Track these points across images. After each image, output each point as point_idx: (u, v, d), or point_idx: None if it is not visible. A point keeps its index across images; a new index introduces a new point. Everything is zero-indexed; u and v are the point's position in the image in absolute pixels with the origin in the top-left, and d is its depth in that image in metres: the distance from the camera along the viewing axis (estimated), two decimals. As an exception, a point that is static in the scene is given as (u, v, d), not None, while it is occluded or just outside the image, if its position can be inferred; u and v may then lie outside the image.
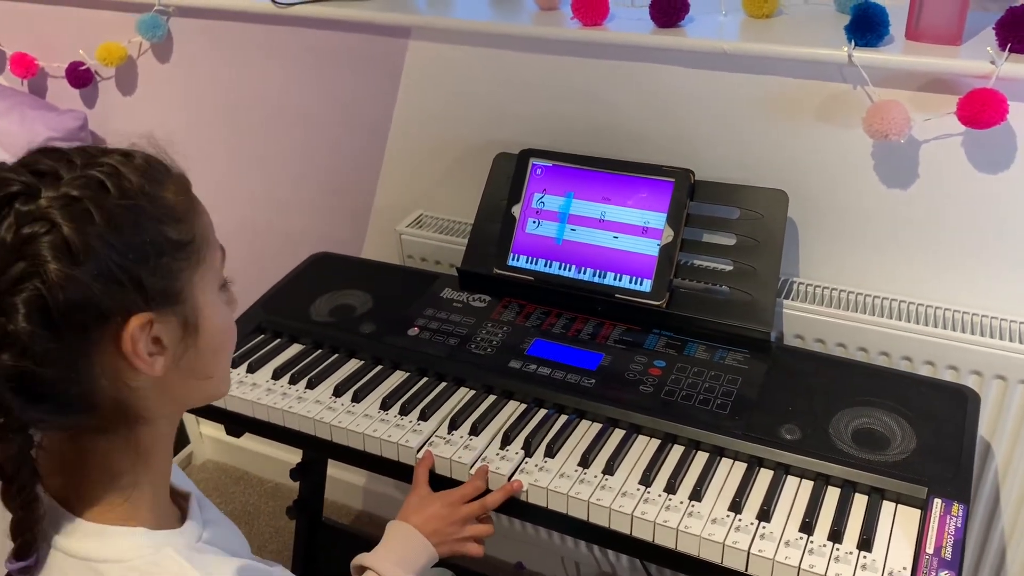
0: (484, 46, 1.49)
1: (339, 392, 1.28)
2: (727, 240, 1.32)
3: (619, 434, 1.17)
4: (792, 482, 1.09)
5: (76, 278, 0.64)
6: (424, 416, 1.23)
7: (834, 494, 1.07)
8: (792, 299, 1.34)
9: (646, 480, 1.09)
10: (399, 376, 1.31)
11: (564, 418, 1.21)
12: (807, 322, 1.32)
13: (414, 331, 1.38)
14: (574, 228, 1.39)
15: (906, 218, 1.30)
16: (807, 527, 1.02)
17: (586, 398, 1.22)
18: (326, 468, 1.64)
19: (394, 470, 1.22)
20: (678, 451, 1.14)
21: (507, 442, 1.17)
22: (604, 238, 1.37)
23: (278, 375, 1.32)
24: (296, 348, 1.39)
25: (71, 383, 0.67)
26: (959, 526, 1.00)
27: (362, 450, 1.22)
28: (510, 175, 1.45)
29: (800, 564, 0.98)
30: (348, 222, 1.80)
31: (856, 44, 1.19)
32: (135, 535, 0.73)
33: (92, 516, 0.73)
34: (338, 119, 1.70)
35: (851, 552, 0.99)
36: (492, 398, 1.26)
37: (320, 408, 1.26)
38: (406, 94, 1.60)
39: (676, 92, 1.37)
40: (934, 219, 1.29)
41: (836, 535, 1.01)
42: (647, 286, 1.33)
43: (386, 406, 1.25)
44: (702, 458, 1.13)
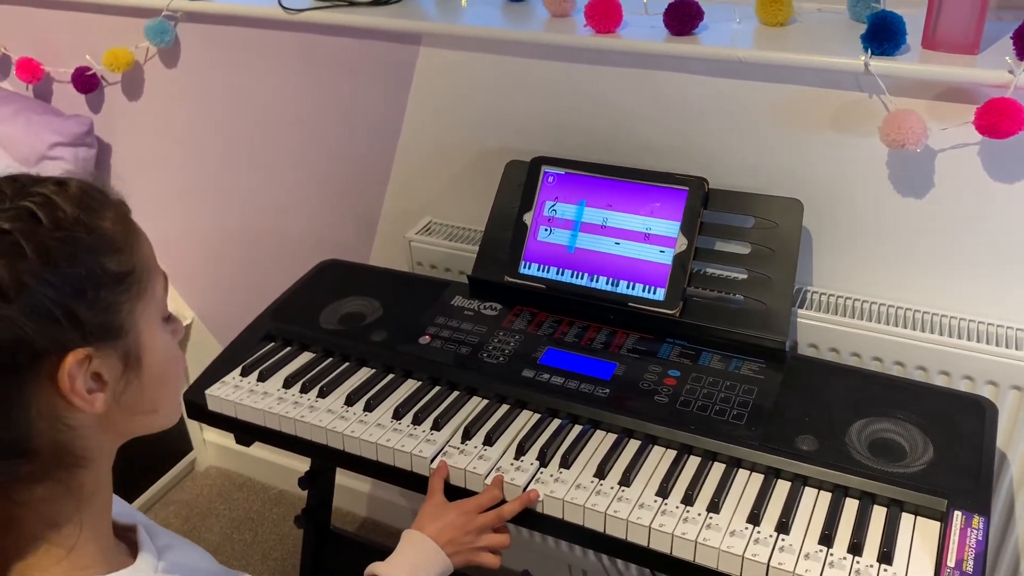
0: (495, 53, 1.48)
1: (351, 401, 1.27)
2: (741, 249, 1.32)
3: (635, 445, 1.17)
4: (810, 493, 1.08)
5: (6, 317, 0.61)
6: (437, 426, 1.22)
7: (852, 506, 1.06)
8: (806, 308, 1.34)
9: (663, 491, 1.09)
10: (411, 385, 1.31)
11: (579, 428, 1.20)
12: (822, 331, 1.32)
13: (425, 339, 1.37)
14: (586, 236, 1.39)
15: (922, 227, 1.30)
16: (827, 539, 1.01)
17: (601, 408, 1.21)
18: (334, 476, 1.63)
19: (407, 480, 1.21)
20: (695, 462, 1.13)
21: (522, 452, 1.16)
22: (617, 246, 1.36)
23: (289, 384, 1.31)
24: (306, 356, 1.38)
25: (5, 428, 0.63)
26: (980, 539, 0.99)
27: (375, 460, 1.21)
28: (521, 183, 1.44)
29: (821, 577, 0.97)
30: (356, 229, 1.80)
31: (873, 53, 1.19)
32: None
33: None
34: (347, 125, 1.69)
35: (871, 565, 0.98)
36: (505, 408, 1.25)
37: (332, 417, 1.25)
38: (416, 101, 1.59)
39: (690, 100, 1.37)
40: (950, 228, 1.28)
41: (856, 548, 1.00)
42: (660, 295, 1.32)
43: (399, 415, 1.24)
44: (719, 469, 1.12)
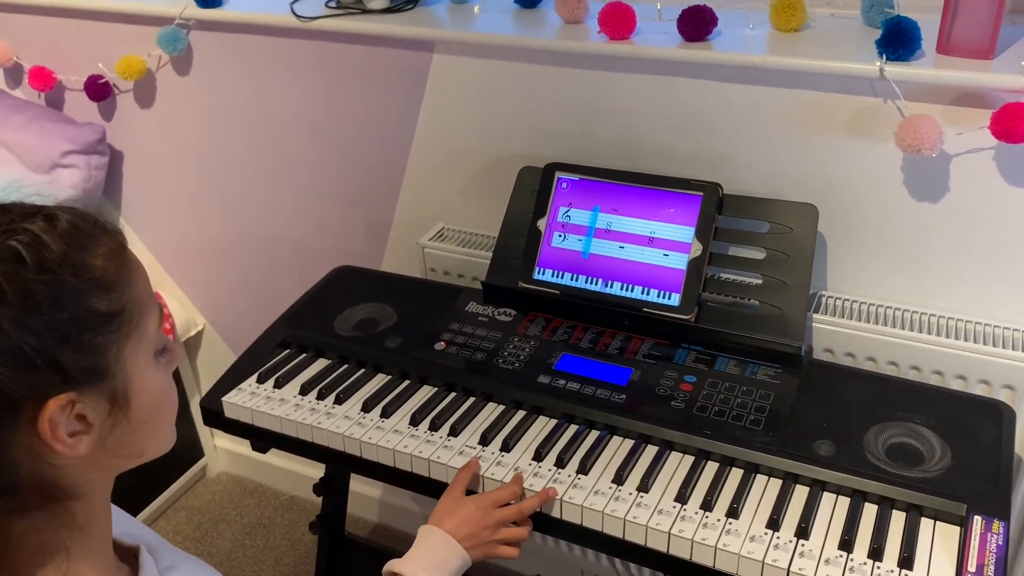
0: (508, 60, 1.49)
1: (368, 408, 1.27)
2: (756, 254, 1.32)
3: (652, 450, 1.17)
4: (828, 499, 1.09)
5: None
6: (454, 432, 1.22)
7: (872, 511, 1.06)
8: (822, 313, 1.34)
9: (682, 497, 1.09)
10: (427, 391, 1.31)
11: (595, 434, 1.20)
12: (837, 336, 1.32)
13: (440, 345, 1.37)
14: (600, 242, 1.39)
15: (937, 232, 1.30)
16: (846, 545, 1.01)
17: (617, 414, 1.21)
18: (348, 483, 1.64)
19: (424, 486, 1.21)
20: (712, 468, 1.13)
21: (539, 458, 1.17)
22: (631, 252, 1.37)
23: (305, 390, 1.32)
24: (322, 363, 1.38)
25: None
26: (1000, 543, 1.00)
27: (392, 466, 1.22)
28: (535, 189, 1.45)
29: (841, 583, 0.97)
30: (368, 235, 1.80)
31: (888, 58, 1.19)
32: None
33: None
34: (360, 132, 1.70)
35: (892, 570, 0.98)
36: (522, 414, 1.25)
37: (349, 424, 1.25)
38: (429, 107, 1.60)
39: (704, 106, 1.37)
40: (965, 232, 1.28)
41: (876, 553, 1.00)
42: (676, 300, 1.32)
43: (415, 421, 1.24)
44: (737, 475, 1.12)
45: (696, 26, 1.32)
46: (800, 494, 1.09)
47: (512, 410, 1.26)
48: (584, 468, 1.14)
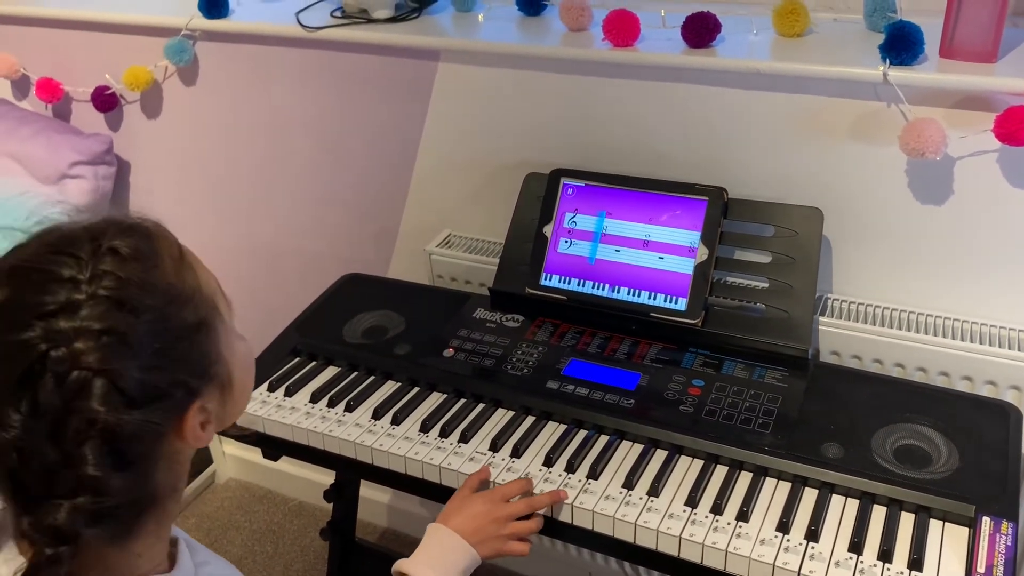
0: (513, 67, 1.50)
1: (378, 415, 1.28)
2: (762, 258, 1.33)
3: (661, 455, 1.18)
4: (837, 501, 1.09)
5: (134, 420, 0.65)
6: (464, 438, 1.23)
7: (880, 512, 1.07)
8: (828, 316, 1.35)
9: (692, 501, 1.09)
10: (436, 398, 1.32)
11: (605, 439, 1.21)
12: (843, 339, 1.33)
13: (449, 352, 1.38)
14: (606, 247, 1.40)
15: (942, 234, 1.31)
16: (856, 547, 1.02)
17: (626, 418, 1.22)
18: (359, 489, 1.64)
19: (434, 492, 1.22)
20: (722, 471, 1.14)
21: (549, 464, 1.17)
22: (637, 257, 1.38)
23: (316, 398, 1.33)
24: (332, 371, 1.39)
25: (139, 495, 0.68)
26: (1009, 544, 1.00)
27: (404, 473, 1.22)
28: (541, 195, 1.45)
29: (852, 585, 0.98)
30: (375, 243, 1.81)
31: (891, 63, 1.20)
32: None
33: None
34: (366, 141, 1.71)
35: (902, 572, 0.99)
36: (531, 419, 1.26)
37: (360, 431, 1.26)
38: (435, 115, 1.61)
39: (708, 111, 1.38)
40: (970, 235, 1.29)
41: (886, 555, 1.01)
42: (682, 305, 1.33)
43: (426, 428, 1.25)
44: (746, 478, 1.13)
45: (700, 33, 1.33)
46: (809, 497, 1.10)
47: (521, 416, 1.27)
48: (594, 473, 1.15)
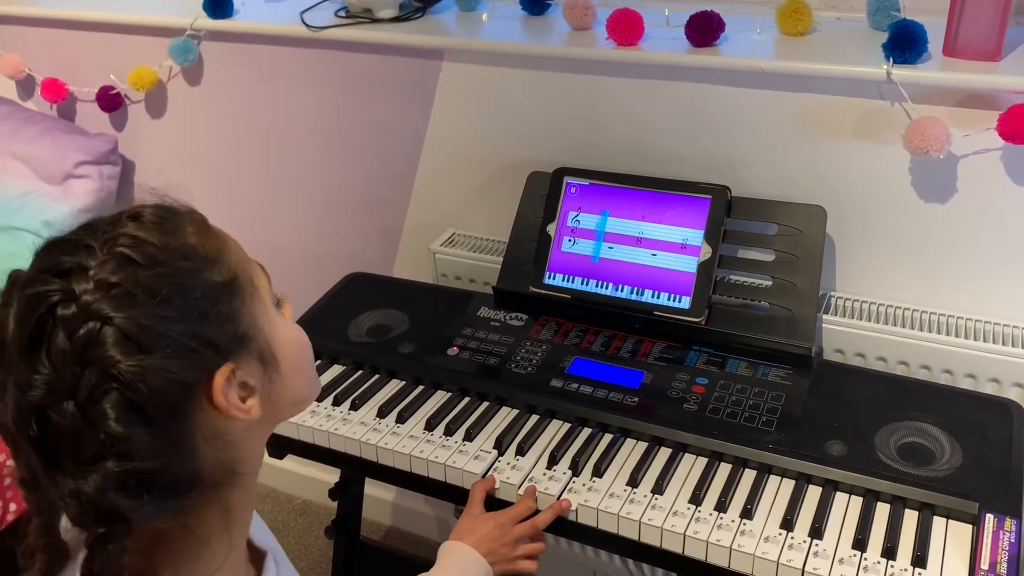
0: (517, 67, 1.50)
1: (383, 413, 1.29)
2: (766, 256, 1.33)
3: (666, 453, 1.18)
4: (841, 498, 1.10)
5: (151, 366, 0.61)
6: (469, 437, 1.23)
7: (884, 510, 1.07)
8: (831, 314, 1.35)
9: (696, 499, 1.10)
10: (441, 396, 1.32)
11: (609, 437, 1.22)
12: (847, 336, 1.33)
13: (453, 351, 1.39)
14: (610, 246, 1.40)
15: (945, 232, 1.31)
16: (860, 544, 1.02)
17: (630, 416, 1.22)
18: (363, 487, 1.65)
19: (439, 490, 1.22)
20: (726, 469, 1.15)
21: (554, 462, 1.18)
22: (641, 255, 1.38)
23: (321, 397, 1.33)
24: (337, 369, 1.40)
25: (177, 464, 0.65)
26: (1013, 541, 1.00)
27: (408, 471, 1.23)
28: (544, 194, 1.46)
29: (856, 582, 0.98)
30: (379, 242, 1.81)
31: (894, 61, 1.20)
32: None
33: None
34: (370, 140, 1.71)
35: (905, 569, 0.99)
36: (535, 418, 1.26)
37: (365, 430, 1.26)
38: (439, 115, 1.61)
39: (712, 110, 1.38)
40: (973, 233, 1.29)
41: (890, 552, 1.01)
42: (686, 303, 1.34)
43: (431, 427, 1.26)
44: (750, 476, 1.13)
45: (704, 31, 1.33)
46: (813, 494, 1.10)
47: (526, 414, 1.27)
48: (599, 471, 1.15)
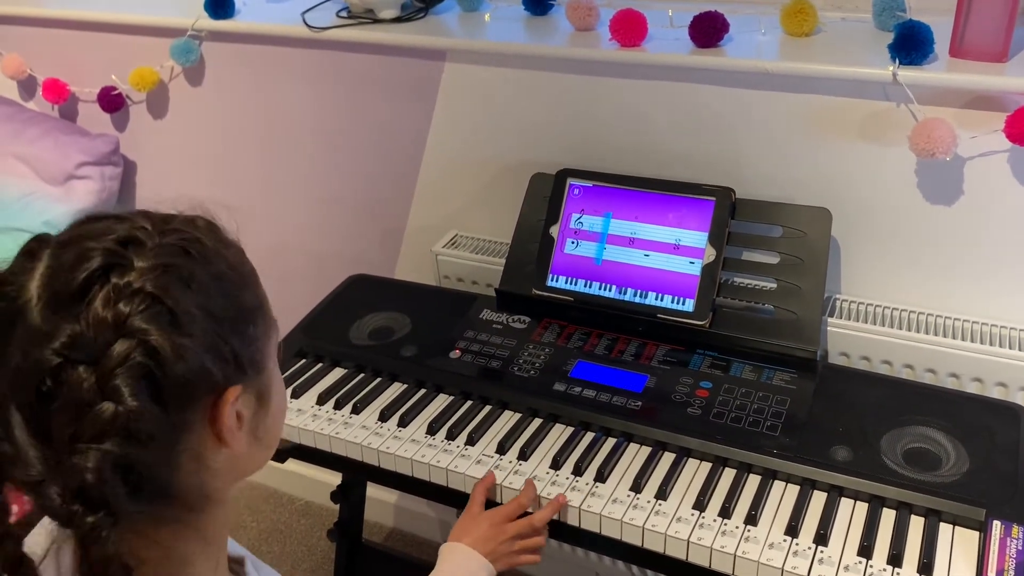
0: (520, 68, 1.49)
1: (385, 417, 1.28)
2: (770, 259, 1.32)
3: (669, 457, 1.17)
4: (847, 504, 1.09)
5: (185, 346, 0.60)
6: (471, 441, 1.23)
7: (890, 516, 1.06)
8: (836, 317, 1.34)
9: (700, 505, 1.09)
10: (443, 400, 1.31)
11: (612, 441, 1.21)
12: (852, 340, 1.32)
13: (456, 354, 1.38)
14: (613, 248, 1.39)
15: (951, 235, 1.30)
16: (865, 551, 1.01)
17: (633, 421, 1.22)
18: (365, 490, 1.64)
19: (442, 495, 1.22)
20: (730, 474, 1.14)
21: (556, 466, 1.17)
22: (644, 258, 1.37)
23: (323, 400, 1.32)
24: (338, 372, 1.39)
25: (165, 466, 0.63)
26: (1020, 548, 0.99)
27: (410, 475, 1.22)
28: (547, 196, 1.45)
29: (861, 589, 0.97)
30: (381, 243, 1.81)
31: (900, 62, 1.19)
32: None
33: None
34: (372, 142, 1.70)
35: (912, 576, 0.99)
36: (538, 422, 1.26)
37: (367, 434, 1.26)
38: (441, 116, 1.61)
39: (716, 111, 1.37)
40: (980, 235, 1.28)
41: (896, 559, 1.00)
42: (690, 306, 1.33)
43: (432, 431, 1.25)
44: (755, 481, 1.12)
45: (708, 32, 1.32)
46: (818, 500, 1.09)
47: (528, 418, 1.26)
48: (602, 476, 1.14)
